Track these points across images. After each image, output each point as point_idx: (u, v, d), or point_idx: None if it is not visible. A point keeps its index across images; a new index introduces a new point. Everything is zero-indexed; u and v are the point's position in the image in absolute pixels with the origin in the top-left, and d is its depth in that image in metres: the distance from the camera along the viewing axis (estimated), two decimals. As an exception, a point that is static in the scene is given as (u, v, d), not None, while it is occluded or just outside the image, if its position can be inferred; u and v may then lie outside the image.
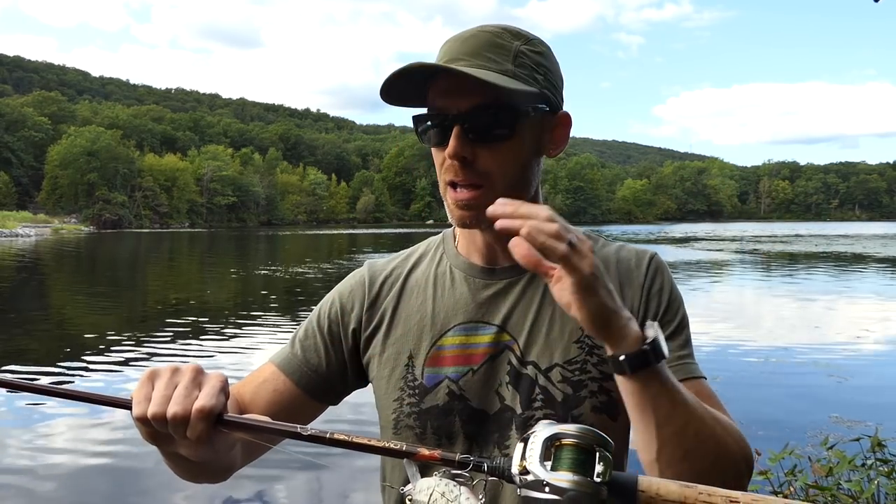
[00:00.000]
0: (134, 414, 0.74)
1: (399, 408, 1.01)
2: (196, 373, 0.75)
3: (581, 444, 0.64)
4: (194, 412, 0.72)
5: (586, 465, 0.63)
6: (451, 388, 0.99)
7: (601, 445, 0.65)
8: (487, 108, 0.91)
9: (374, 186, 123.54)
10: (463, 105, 0.91)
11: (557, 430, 0.65)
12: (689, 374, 0.96)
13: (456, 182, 0.94)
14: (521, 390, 0.97)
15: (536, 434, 0.66)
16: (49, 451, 5.13)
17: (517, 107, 0.93)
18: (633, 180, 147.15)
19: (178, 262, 29.62)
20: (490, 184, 0.93)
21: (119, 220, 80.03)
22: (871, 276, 20.42)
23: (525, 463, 0.64)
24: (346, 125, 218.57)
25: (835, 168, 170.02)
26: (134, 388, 0.75)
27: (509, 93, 0.90)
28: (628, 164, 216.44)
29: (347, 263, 24.38)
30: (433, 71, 0.91)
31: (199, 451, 0.76)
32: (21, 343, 9.64)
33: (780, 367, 7.86)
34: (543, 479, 0.62)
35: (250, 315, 12.07)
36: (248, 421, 0.76)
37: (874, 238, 47.30)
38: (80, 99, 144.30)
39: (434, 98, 0.94)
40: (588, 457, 0.64)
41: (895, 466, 2.86)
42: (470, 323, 1.01)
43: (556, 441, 0.65)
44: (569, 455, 0.64)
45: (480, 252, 1.04)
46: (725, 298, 15.24)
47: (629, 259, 1.03)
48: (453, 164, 0.93)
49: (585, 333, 0.98)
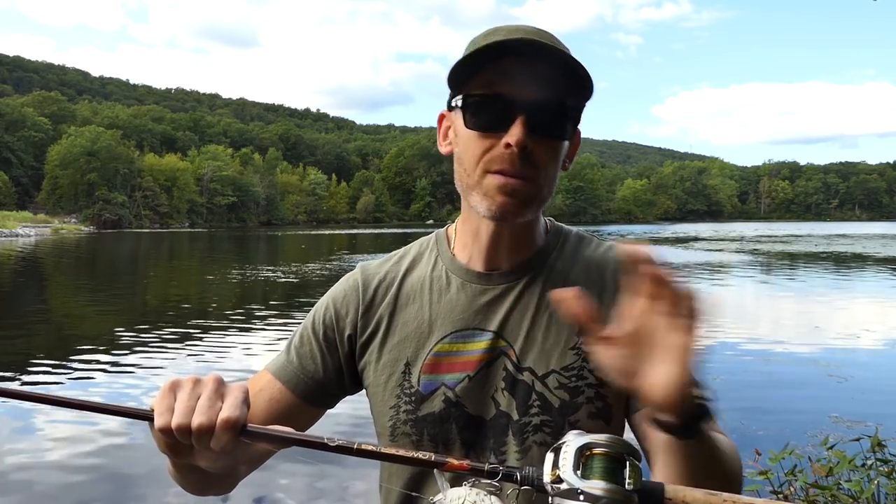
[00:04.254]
0: (157, 425, 0.73)
1: (395, 415, 1.01)
2: (218, 384, 0.75)
3: (611, 452, 0.66)
4: (220, 423, 0.72)
5: (617, 473, 0.64)
6: (447, 394, 0.99)
7: (630, 454, 0.66)
8: (555, 104, 0.91)
9: (374, 186, 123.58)
10: (530, 95, 0.89)
11: (589, 439, 0.66)
12: None
13: (507, 171, 0.91)
14: (518, 396, 0.97)
15: (568, 444, 0.67)
16: (44, 455, 5.13)
17: (579, 108, 0.94)
18: (633, 180, 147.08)
19: (178, 263, 29.62)
20: (536, 180, 0.93)
21: (119, 220, 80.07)
22: (871, 276, 20.41)
23: (558, 472, 0.65)
24: (346, 125, 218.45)
25: (835, 168, 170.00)
26: (152, 399, 0.75)
27: (576, 90, 0.91)
28: (628, 164, 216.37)
29: (347, 263, 24.38)
30: (510, 50, 0.89)
31: (219, 462, 0.75)
32: (21, 343, 9.64)
33: (780, 367, 7.86)
34: (578, 487, 0.63)
35: (250, 315, 12.07)
36: (273, 432, 0.75)
37: (874, 238, 47.28)
38: (80, 99, 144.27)
39: (492, 80, 0.91)
40: (618, 465, 0.65)
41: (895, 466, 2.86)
42: (466, 330, 1.01)
43: (588, 450, 0.66)
44: (600, 464, 0.65)
45: (481, 254, 1.03)
46: (725, 298, 15.24)
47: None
48: (511, 153, 0.90)
49: (581, 340, 0.97)
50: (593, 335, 0.73)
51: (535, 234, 1.05)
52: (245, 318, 11.79)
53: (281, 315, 12.09)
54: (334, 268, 22.40)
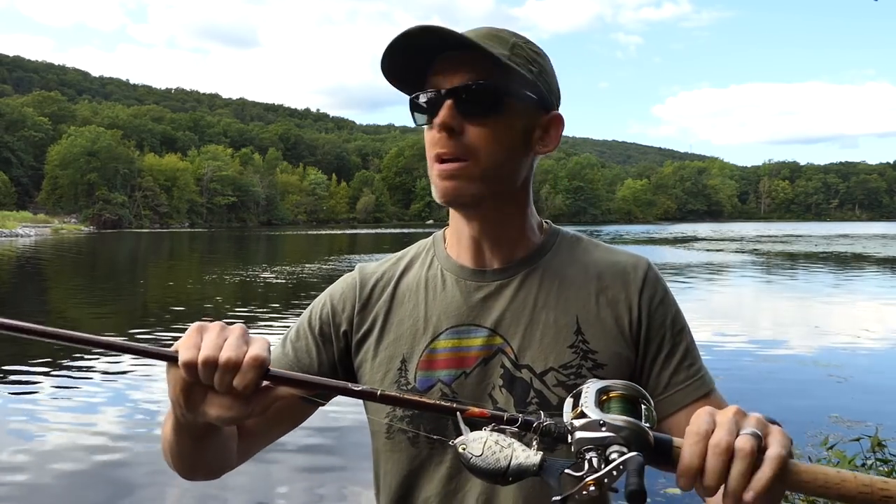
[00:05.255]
0: (182, 359, 0.74)
1: (392, 412, 1.01)
2: (244, 330, 0.77)
3: (627, 394, 0.70)
4: (247, 359, 0.73)
5: (633, 413, 0.68)
6: (443, 391, 0.99)
7: (644, 398, 0.71)
8: (480, 85, 0.93)
9: (374, 186, 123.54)
10: (456, 81, 0.94)
11: (607, 383, 0.71)
12: (706, 388, 1.00)
13: (442, 155, 0.95)
14: (515, 393, 0.98)
15: (588, 387, 0.71)
16: (44, 455, 5.13)
17: (508, 87, 0.95)
18: (633, 180, 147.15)
19: (178, 263, 29.60)
20: (475, 159, 0.95)
21: (119, 220, 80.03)
22: (871, 276, 20.41)
23: (580, 408, 0.69)
24: (345, 125, 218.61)
25: (835, 168, 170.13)
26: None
27: (505, 69, 0.92)
28: (628, 164, 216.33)
29: (347, 264, 24.37)
30: (432, 50, 0.94)
31: (232, 411, 0.76)
32: (21, 343, 9.63)
33: (780, 367, 7.85)
34: (600, 419, 0.66)
35: (250, 315, 12.06)
36: (295, 376, 0.78)
37: (874, 238, 47.27)
38: (80, 99, 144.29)
39: (430, 79, 0.96)
40: (633, 407, 0.69)
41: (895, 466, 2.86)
42: (462, 326, 1.01)
43: (606, 393, 0.70)
44: (618, 404, 0.69)
45: (469, 252, 1.05)
46: (725, 298, 15.24)
47: (624, 264, 1.04)
48: (441, 136, 0.94)
49: (580, 339, 0.99)
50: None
51: (525, 232, 1.05)
52: (245, 318, 11.77)
53: (281, 315, 12.09)
54: (333, 268, 22.39)
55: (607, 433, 0.65)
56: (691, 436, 0.66)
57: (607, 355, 0.98)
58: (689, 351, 1.02)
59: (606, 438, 0.65)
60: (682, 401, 0.99)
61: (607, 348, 0.99)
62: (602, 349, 0.98)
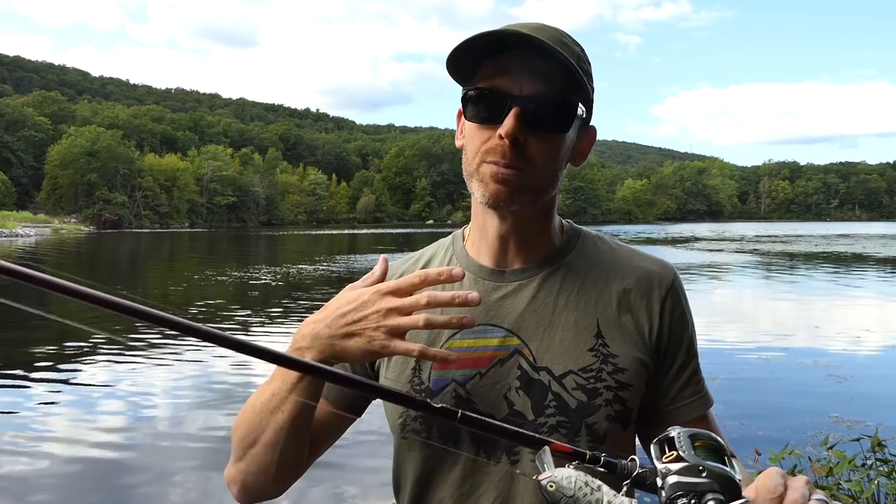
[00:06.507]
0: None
1: (406, 411, 1.00)
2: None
3: (715, 445, 0.69)
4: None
5: (722, 464, 0.67)
6: (457, 391, 0.98)
7: (732, 454, 0.70)
8: (552, 98, 0.92)
9: (374, 186, 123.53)
10: (526, 88, 0.91)
11: (694, 431, 0.70)
12: (708, 405, 1.02)
13: (500, 162, 0.93)
14: (533, 396, 0.96)
15: (680, 434, 0.69)
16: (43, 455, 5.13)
17: (577, 104, 0.94)
18: (633, 180, 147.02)
19: (178, 263, 29.60)
20: (531, 170, 0.93)
21: (119, 220, 79.95)
22: (871, 276, 20.41)
23: (677, 452, 0.67)
24: (345, 125, 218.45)
25: (835, 168, 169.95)
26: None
27: (577, 85, 0.91)
28: (628, 164, 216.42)
29: (347, 264, 24.38)
30: (503, 45, 0.92)
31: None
32: (21, 344, 9.63)
33: (780, 367, 7.86)
34: (699, 464, 0.65)
35: (250, 315, 12.07)
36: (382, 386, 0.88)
37: (874, 238, 47.28)
38: (80, 99, 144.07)
39: (492, 75, 0.93)
40: (721, 458, 0.68)
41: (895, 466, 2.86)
42: (478, 325, 0.99)
43: (696, 441, 0.69)
44: (708, 453, 0.68)
45: (491, 251, 1.04)
46: (726, 298, 15.25)
47: (650, 271, 1.04)
48: (503, 145, 0.91)
49: (600, 342, 0.98)
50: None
51: (549, 233, 1.05)
52: (245, 318, 11.79)
53: (281, 315, 12.09)
54: (333, 268, 22.38)
55: (706, 479, 0.65)
56: (764, 492, 0.67)
57: (627, 360, 0.97)
58: (698, 365, 1.03)
59: (703, 485, 0.64)
60: (686, 416, 1.00)
61: (628, 353, 0.98)
62: (622, 353, 0.97)
